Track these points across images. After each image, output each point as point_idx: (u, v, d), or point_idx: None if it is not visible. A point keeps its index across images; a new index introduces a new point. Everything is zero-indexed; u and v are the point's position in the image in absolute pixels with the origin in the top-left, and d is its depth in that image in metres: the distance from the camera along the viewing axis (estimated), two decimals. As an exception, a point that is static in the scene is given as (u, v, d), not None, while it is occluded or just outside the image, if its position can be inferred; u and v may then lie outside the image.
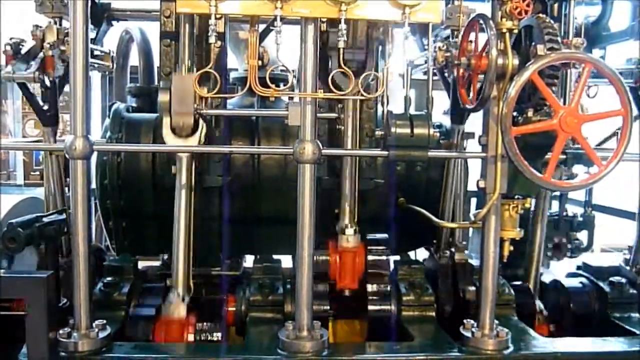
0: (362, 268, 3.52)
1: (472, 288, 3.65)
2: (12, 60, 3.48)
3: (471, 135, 3.83)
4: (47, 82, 3.54)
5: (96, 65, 4.21)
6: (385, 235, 3.76)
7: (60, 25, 3.66)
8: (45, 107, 3.65)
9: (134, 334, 3.32)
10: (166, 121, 3.26)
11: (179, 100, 3.20)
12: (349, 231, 3.46)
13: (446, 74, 3.73)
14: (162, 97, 3.23)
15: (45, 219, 3.28)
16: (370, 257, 3.59)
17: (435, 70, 3.74)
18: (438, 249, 3.99)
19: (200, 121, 3.32)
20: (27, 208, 3.74)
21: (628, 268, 4.10)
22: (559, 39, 2.92)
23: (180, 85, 3.20)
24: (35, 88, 3.75)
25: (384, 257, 3.65)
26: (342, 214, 3.54)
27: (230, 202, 3.78)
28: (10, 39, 3.54)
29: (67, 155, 2.88)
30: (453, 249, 3.87)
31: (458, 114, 3.81)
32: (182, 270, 3.33)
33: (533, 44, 2.89)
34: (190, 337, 3.30)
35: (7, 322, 3.22)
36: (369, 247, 3.61)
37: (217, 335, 3.48)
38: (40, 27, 3.59)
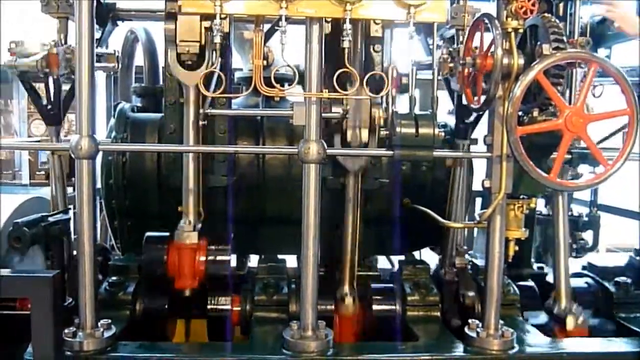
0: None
1: (472, 293, 3.64)
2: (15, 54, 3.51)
3: (474, 141, 3.83)
4: (51, 80, 3.55)
5: (101, 66, 4.20)
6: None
7: (66, 25, 3.66)
8: (49, 107, 3.65)
9: (149, 256, 3.39)
10: (172, 52, 3.25)
11: (185, 26, 3.19)
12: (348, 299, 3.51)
13: (451, 85, 3.74)
14: (168, 25, 3.22)
15: (50, 219, 3.29)
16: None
17: (440, 79, 3.73)
18: (443, 253, 3.96)
19: (207, 52, 3.29)
20: (32, 208, 3.73)
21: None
22: (564, 38, 2.92)
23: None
24: (40, 88, 3.76)
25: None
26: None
27: (235, 202, 3.78)
28: (11, 42, 3.54)
29: (72, 155, 2.89)
30: (457, 260, 3.85)
31: (463, 128, 3.81)
32: (193, 198, 3.39)
33: (539, 43, 2.88)
34: (202, 258, 3.38)
35: (12, 321, 3.25)
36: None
37: (227, 257, 3.49)
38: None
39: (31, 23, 3.68)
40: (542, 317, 3.81)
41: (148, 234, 3.51)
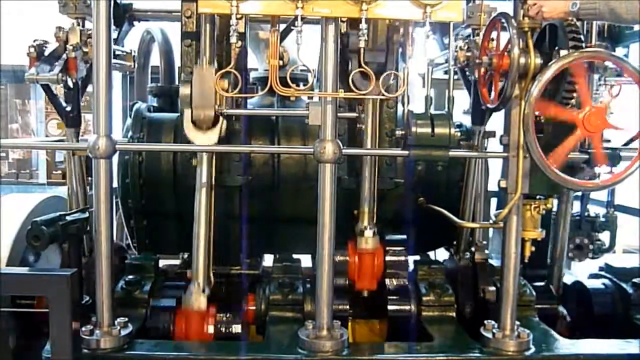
0: (381, 269, 3.51)
1: (492, 288, 3.62)
2: (35, 62, 3.52)
3: (492, 134, 3.81)
4: (70, 84, 3.57)
5: (118, 66, 4.23)
6: (403, 236, 3.74)
7: (83, 26, 3.69)
8: (68, 109, 3.68)
9: (155, 324, 3.36)
10: (187, 114, 3.27)
11: (200, 93, 3.21)
12: (368, 233, 3.45)
13: (467, 74, 3.72)
14: (184, 90, 3.24)
15: (68, 218, 3.31)
16: (388, 258, 3.57)
17: (456, 70, 3.72)
18: (458, 250, 3.96)
19: (221, 118, 3.32)
20: (50, 206, 3.77)
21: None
22: (581, 37, 2.90)
23: (201, 79, 3.20)
24: (57, 89, 3.79)
25: (402, 258, 3.63)
26: (362, 215, 3.53)
27: (250, 202, 3.79)
28: (34, 41, 3.57)
29: (90, 155, 2.92)
30: (473, 249, 3.84)
31: (479, 114, 3.78)
32: (202, 262, 3.36)
33: (556, 48, 2.86)
34: (211, 329, 3.32)
35: (31, 319, 3.28)
36: (387, 248, 3.60)
37: (237, 327, 3.47)
38: (63, 28, 3.62)
39: (54, 24, 3.67)
40: None
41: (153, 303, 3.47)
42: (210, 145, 3.36)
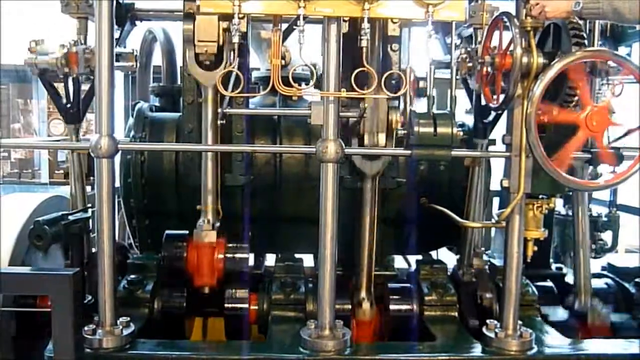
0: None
1: (490, 295, 3.62)
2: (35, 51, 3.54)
3: (493, 142, 3.80)
4: (70, 79, 3.58)
5: (120, 66, 4.23)
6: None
7: (86, 25, 3.69)
8: (68, 105, 3.68)
9: (169, 253, 3.48)
10: (190, 52, 3.26)
11: (204, 27, 3.20)
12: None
13: (470, 85, 3.73)
14: (186, 26, 3.23)
15: (70, 217, 3.32)
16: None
17: (458, 78, 3.72)
18: (461, 253, 3.94)
19: (225, 49, 3.30)
20: (52, 206, 3.77)
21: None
22: (584, 34, 2.89)
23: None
24: (59, 87, 3.79)
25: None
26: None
27: (253, 201, 3.80)
28: (31, 41, 3.57)
29: (92, 154, 2.92)
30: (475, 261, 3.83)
31: (481, 128, 3.78)
32: (212, 198, 3.44)
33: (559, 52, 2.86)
34: (220, 256, 3.46)
35: (33, 318, 3.29)
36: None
37: (245, 255, 3.57)
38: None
39: (51, 25, 3.67)
40: (562, 314, 3.80)
41: (168, 232, 3.53)
42: (212, 145, 3.36)
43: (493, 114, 3.65)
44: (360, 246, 3.52)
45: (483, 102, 3.59)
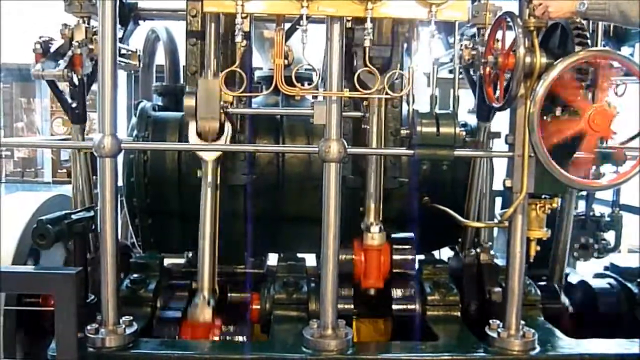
0: (388, 267, 3.49)
1: (498, 289, 3.62)
2: (41, 58, 3.52)
3: (497, 135, 3.80)
4: (76, 80, 3.58)
5: (123, 65, 4.24)
6: (410, 235, 3.72)
7: (89, 24, 3.69)
8: (74, 105, 3.68)
9: (161, 336, 3.33)
10: (192, 126, 3.27)
11: (205, 105, 3.21)
12: (374, 229, 3.44)
13: (472, 73, 3.71)
14: (188, 102, 3.24)
15: (73, 216, 3.32)
16: (395, 257, 3.54)
17: (460, 69, 3.72)
18: (463, 248, 3.96)
19: (226, 125, 3.32)
20: (55, 205, 3.78)
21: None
22: (587, 34, 2.89)
23: (206, 89, 3.21)
24: (63, 85, 3.79)
25: (409, 257, 3.61)
26: (367, 212, 3.52)
27: (255, 201, 3.80)
28: (40, 37, 3.58)
29: (95, 153, 2.92)
30: (478, 249, 3.84)
31: (484, 111, 3.78)
32: (208, 273, 3.33)
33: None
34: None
35: (36, 317, 3.29)
36: (394, 246, 3.58)
37: (243, 338, 3.46)
38: (69, 26, 3.62)
39: (59, 22, 3.67)
40: None
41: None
42: (216, 144, 3.36)
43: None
44: (368, 165, 3.49)
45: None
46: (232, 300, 3.76)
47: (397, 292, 3.60)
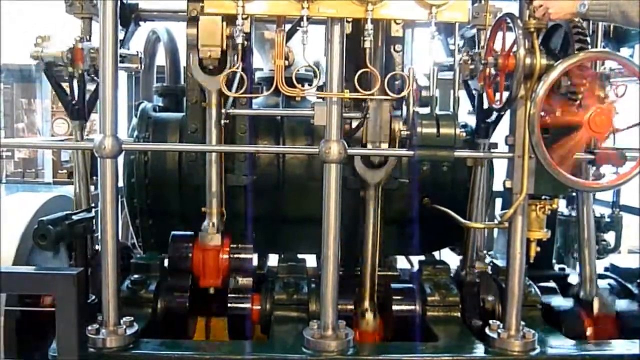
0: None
1: (492, 298, 3.62)
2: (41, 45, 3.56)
3: (494, 145, 3.81)
4: (76, 74, 3.59)
5: (124, 67, 4.25)
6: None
7: (90, 25, 3.70)
8: (74, 102, 3.70)
9: (174, 254, 3.57)
10: (194, 57, 3.27)
11: (207, 31, 3.20)
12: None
13: (471, 87, 3.73)
14: (190, 30, 3.24)
15: (74, 217, 3.33)
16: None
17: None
18: (465, 264, 3.93)
19: (228, 57, 3.31)
20: (56, 206, 3.78)
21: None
22: (587, 38, 2.89)
23: (207, 17, 3.18)
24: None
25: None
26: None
27: (255, 201, 3.80)
28: (37, 37, 3.59)
29: (96, 154, 2.93)
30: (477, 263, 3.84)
31: (484, 128, 3.79)
32: (216, 202, 3.48)
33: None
34: (225, 256, 3.55)
35: (37, 318, 3.30)
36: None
37: (249, 254, 3.64)
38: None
39: (54, 24, 3.69)
40: (567, 303, 3.81)
41: (174, 233, 3.60)
42: (216, 145, 3.37)
43: (495, 114, 3.66)
44: (363, 253, 3.51)
45: (485, 103, 3.60)
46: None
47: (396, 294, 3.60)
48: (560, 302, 3.80)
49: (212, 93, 3.41)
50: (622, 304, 3.79)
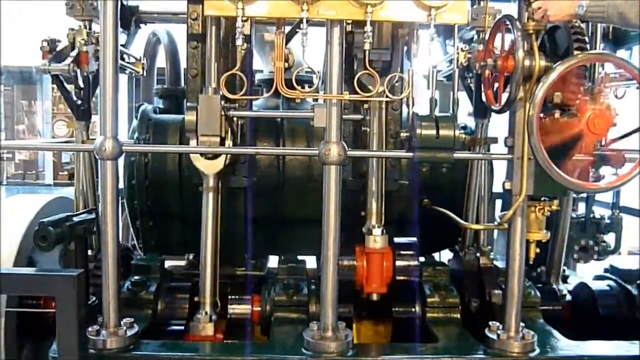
0: (391, 272, 3.37)
1: (498, 291, 3.62)
2: (48, 55, 3.56)
3: (494, 139, 3.81)
4: (81, 78, 3.60)
5: (128, 71, 4.27)
6: (414, 239, 3.64)
7: (90, 28, 3.71)
8: (79, 102, 3.71)
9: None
10: (193, 142, 3.29)
11: (206, 122, 3.21)
12: (377, 232, 3.39)
13: (467, 75, 3.73)
14: (189, 117, 3.24)
15: (75, 218, 3.33)
16: (399, 263, 3.42)
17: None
18: (463, 247, 3.96)
19: (227, 142, 3.34)
20: (56, 207, 3.79)
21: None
22: (586, 39, 2.90)
23: (206, 106, 3.21)
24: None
25: (413, 263, 3.51)
26: (369, 214, 3.50)
27: (255, 203, 3.81)
28: (43, 41, 3.60)
29: (96, 156, 2.94)
30: (478, 254, 3.85)
31: (482, 108, 3.78)
32: (209, 289, 3.35)
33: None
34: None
35: (37, 319, 3.31)
36: (398, 252, 3.46)
37: None
38: (74, 29, 3.65)
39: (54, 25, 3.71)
40: None
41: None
42: (216, 146, 3.37)
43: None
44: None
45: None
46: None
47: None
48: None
49: (210, 177, 3.37)
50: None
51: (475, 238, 3.97)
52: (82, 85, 3.64)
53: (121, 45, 3.97)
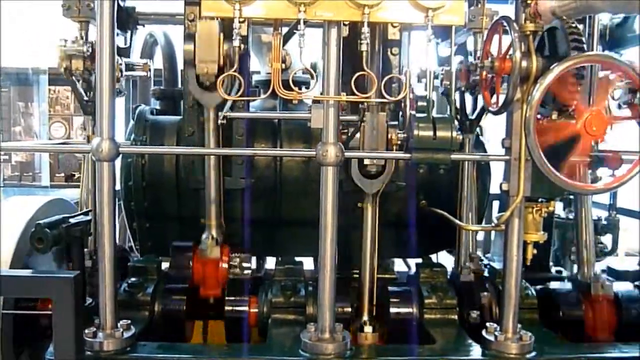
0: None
1: (486, 293, 3.64)
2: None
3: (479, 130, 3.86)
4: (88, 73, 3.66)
5: (134, 75, 4.28)
6: None
7: (87, 29, 3.71)
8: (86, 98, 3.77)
9: (176, 263, 3.60)
10: (191, 73, 3.27)
11: (204, 47, 3.17)
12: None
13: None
14: (187, 47, 3.21)
15: (71, 220, 3.33)
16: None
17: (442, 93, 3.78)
18: (458, 263, 3.95)
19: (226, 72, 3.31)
20: (53, 209, 3.78)
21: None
22: (583, 39, 2.90)
23: (205, 31, 3.15)
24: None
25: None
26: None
27: (253, 204, 3.81)
28: (60, 39, 3.62)
29: (93, 157, 2.94)
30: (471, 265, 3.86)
31: (467, 124, 3.85)
32: (215, 214, 3.48)
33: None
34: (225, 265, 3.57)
35: (34, 321, 3.30)
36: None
37: (249, 265, 3.66)
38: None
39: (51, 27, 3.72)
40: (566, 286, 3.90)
41: (175, 243, 3.64)
42: (213, 148, 3.38)
43: (477, 110, 3.73)
44: (361, 267, 3.52)
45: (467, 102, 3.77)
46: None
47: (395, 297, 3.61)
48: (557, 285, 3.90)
49: (210, 110, 3.40)
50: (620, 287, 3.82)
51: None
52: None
53: (123, 47, 4.00)
